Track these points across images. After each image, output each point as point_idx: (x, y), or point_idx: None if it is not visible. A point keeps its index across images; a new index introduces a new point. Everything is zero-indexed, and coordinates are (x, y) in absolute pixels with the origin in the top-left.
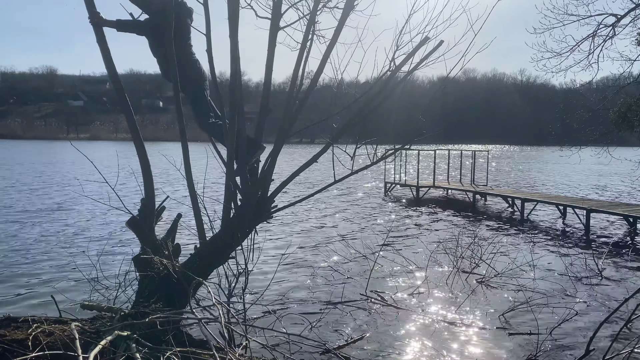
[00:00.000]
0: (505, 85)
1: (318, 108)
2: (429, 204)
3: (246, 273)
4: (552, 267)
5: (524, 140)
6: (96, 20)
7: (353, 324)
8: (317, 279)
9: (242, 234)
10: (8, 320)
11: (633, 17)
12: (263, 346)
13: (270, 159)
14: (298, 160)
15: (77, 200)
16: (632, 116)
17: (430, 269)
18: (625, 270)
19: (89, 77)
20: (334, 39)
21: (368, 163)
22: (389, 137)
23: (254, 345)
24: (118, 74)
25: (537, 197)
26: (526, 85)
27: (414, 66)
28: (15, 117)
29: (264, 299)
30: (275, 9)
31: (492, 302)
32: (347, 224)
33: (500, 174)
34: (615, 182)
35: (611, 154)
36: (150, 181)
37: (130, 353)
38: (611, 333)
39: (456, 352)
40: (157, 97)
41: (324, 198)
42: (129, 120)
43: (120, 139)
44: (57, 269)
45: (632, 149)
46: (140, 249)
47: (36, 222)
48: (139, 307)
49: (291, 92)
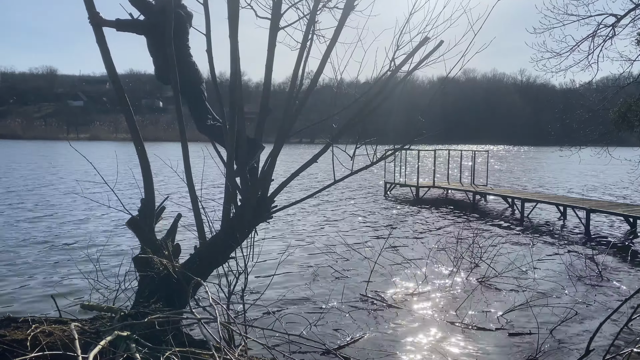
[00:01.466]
0: (505, 85)
1: (318, 108)
2: (429, 204)
3: (246, 273)
4: (552, 267)
5: (524, 140)
6: (96, 20)
7: (353, 324)
8: (317, 279)
9: (242, 234)
10: (8, 320)
11: (633, 17)
12: (263, 346)
13: (270, 159)
14: (298, 160)
15: (77, 201)
16: (632, 116)
17: (430, 269)
18: (625, 270)
19: (89, 77)
20: (333, 39)
21: (368, 163)
22: (388, 137)
23: (254, 345)
24: (118, 74)
25: (537, 197)
26: (526, 85)
27: (414, 66)
28: (15, 117)
29: (263, 299)
30: (275, 9)
31: (492, 302)
32: (347, 224)
33: (500, 174)
34: (615, 182)
35: (611, 154)
36: (150, 181)
37: (130, 353)
38: (611, 333)
39: (456, 352)
40: (157, 97)
41: (324, 198)
42: (128, 120)
43: (120, 139)
44: (57, 269)
45: (632, 149)
46: (140, 249)
47: (36, 222)
48: (138, 307)
49: (291, 92)
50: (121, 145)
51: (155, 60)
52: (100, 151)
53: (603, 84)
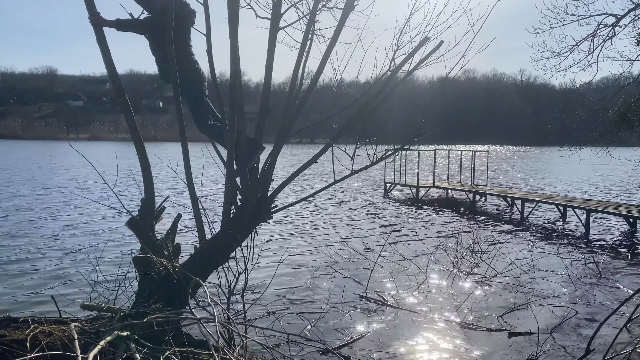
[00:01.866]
0: (505, 85)
1: (318, 108)
2: (429, 204)
3: (246, 273)
4: (552, 267)
5: (524, 140)
6: (97, 20)
7: (353, 324)
8: (317, 279)
9: (242, 234)
10: (8, 320)
11: (633, 17)
12: (263, 346)
13: (270, 159)
14: (298, 160)
15: (76, 201)
16: (632, 116)
17: (430, 269)
18: (625, 270)
19: (89, 77)
20: (333, 39)
21: (368, 163)
22: (388, 137)
23: (254, 345)
24: (118, 74)
25: (537, 197)
26: (526, 85)
27: (414, 66)
28: (15, 117)
29: (263, 299)
30: (275, 9)
31: (492, 302)
32: (346, 224)
33: (500, 174)
34: (615, 182)
35: (611, 154)
36: (150, 181)
37: (130, 353)
38: (611, 333)
39: (456, 352)
40: (157, 98)
41: (324, 198)
42: (129, 120)
43: (120, 139)
44: (57, 269)
45: (632, 149)
46: (140, 249)
47: (36, 222)
48: (138, 307)
49: (291, 92)
50: (121, 145)
51: (157, 60)
52: (100, 151)
53: (603, 84)
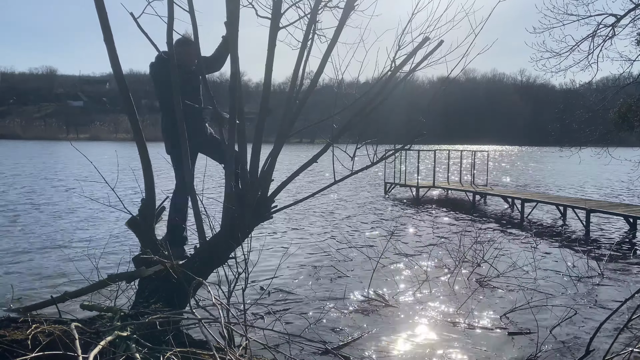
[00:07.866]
0: (505, 85)
1: (318, 108)
2: (429, 204)
3: (246, 273)
4: (553, 267)
5: (524, 140)
6: None
7: (353, 323)
8: (318, 278)
9: (242, 234)
10: (8, 320)
11: (633, 17)
12: (263, 346)
13: (270, 159)
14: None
15: (76, 200)
16: (632, 116)
17: (431, 269)
18: (625, 270)
19: (89, 78)
20: (334, 39)
21: (368, 163)
22: (389, 137)
23: (254, 345)
24: None
25: (537, 197)
26: (526, 85)
27: (414, 66)
28: (15, 117)
29: (264, 299)
30: (275, 8)
31: (492, 302)
32: (347, 224)
33: (500, 174)
34: (615, 182)
35: (611, 154)
36: (151, 181)
37: (130, 353)
38: (611, 333)
39: (456, 352)
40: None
41: (324, 198)
42: (132, 120)
43: (121, 139)
44: (57, 269)
45: (632, 149)
46: (140, 249)
47: (36, 222)
48: (138, 307)
49: (291, 92)
50: (121, 145)
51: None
52: (100, 151)
53: (603, 84)
